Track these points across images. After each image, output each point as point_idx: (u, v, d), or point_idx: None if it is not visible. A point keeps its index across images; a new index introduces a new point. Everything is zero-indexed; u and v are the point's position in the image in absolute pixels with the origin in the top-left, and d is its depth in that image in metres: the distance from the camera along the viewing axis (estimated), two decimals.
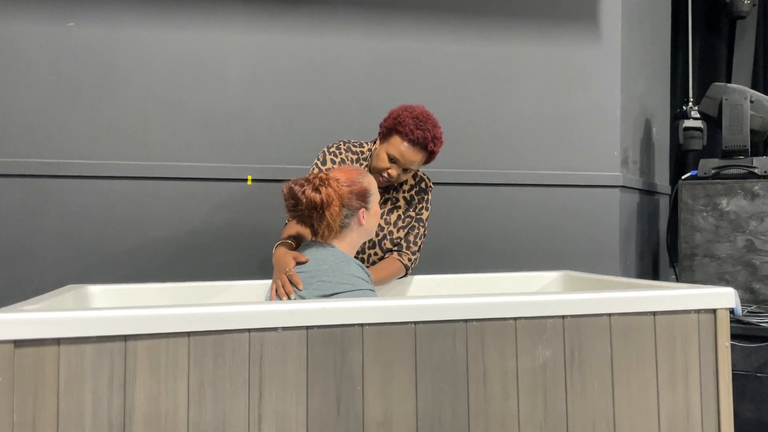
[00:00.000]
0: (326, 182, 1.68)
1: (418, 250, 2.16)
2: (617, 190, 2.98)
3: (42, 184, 2.55)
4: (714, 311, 1.56)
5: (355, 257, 2.01)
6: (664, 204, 3.70)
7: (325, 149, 2.14)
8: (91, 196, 2.59)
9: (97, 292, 1.87)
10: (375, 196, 1.80)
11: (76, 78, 2.60)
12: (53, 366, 1.20)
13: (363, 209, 1.75)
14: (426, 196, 2.20)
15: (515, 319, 1.44)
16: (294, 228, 1.93)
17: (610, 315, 1.50)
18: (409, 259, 2.12)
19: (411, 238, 2.14)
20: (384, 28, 2.85)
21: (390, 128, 2.01)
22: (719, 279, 2.82)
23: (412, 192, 2.18)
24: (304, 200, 1.66)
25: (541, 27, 2.98)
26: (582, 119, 3.00)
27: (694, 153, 3.53)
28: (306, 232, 1.90)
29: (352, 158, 2.12)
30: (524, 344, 1.44)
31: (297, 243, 1.89)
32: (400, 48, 2.86)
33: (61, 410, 1.20)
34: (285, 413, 1.31)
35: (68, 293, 1.67)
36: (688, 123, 3.24)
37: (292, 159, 2.73)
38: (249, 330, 1.30)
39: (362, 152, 2.15)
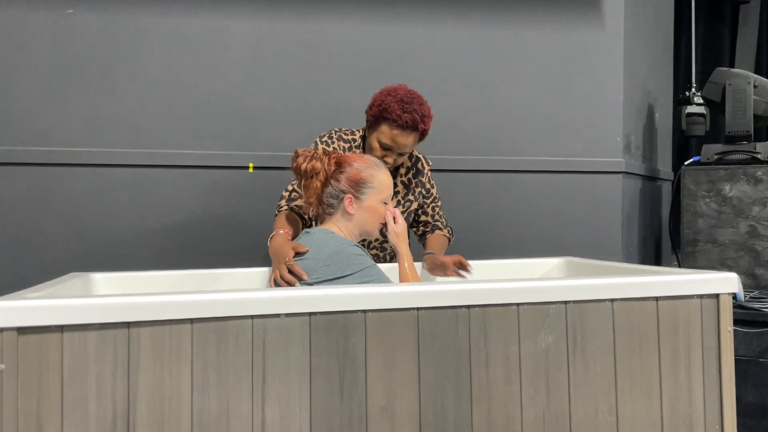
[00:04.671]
0: (318, 156, 1.77)
1: (448, 223, 2.30)
2: (620, 175, 2.97)
3: (43, 172, 2.55)
4: (717, 296, 1.56)
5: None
6: (666, 190, 3.69)
7: (317, 139, 2.13)
8: (93, 184, 2.59)
9: (100, 279, 1.87)
10: (376, 192, 1.79)
11: (76, 66, 2.59)
12: (57, 353, 1.21)
13: (351, 196, 1.74)
14: (425, 177, 2.22)
15: (518, 304, 1.44)
16: (286, 220, 1.95)
17: (612, 300, 1.50)
18: (449, 232, 2.28)
19: (437, 216, 2.26)
20: (385, 13, 2.83)
21: (377, 117, 2.00)
22: (722, 265, 2.81)
23: (409, 175, 2.17)
24: (294, 165, 1.78)
25: (544, 11, 2.95)
26: (584, 105, 2.99)
27: (696, 138, 3.52)
28: (297, 224, 1.93)
29: (344, 147, 2.11)
30: (527, 329, 1.44)
31: (292, 234, 1.89)
32: (402, 33, 2.85)
33: (65, 397, 1.21)
34: (288, 399, 1.31)
35: (71, 281, 1.68)
36: (690, 109, 3.22)
37: (293, 146, 2.67)
38: (252, 316, 1.30)
39: (354, 140, 2.14)
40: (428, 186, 2.22)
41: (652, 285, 1.52)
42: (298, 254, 1.70)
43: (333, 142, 2.11)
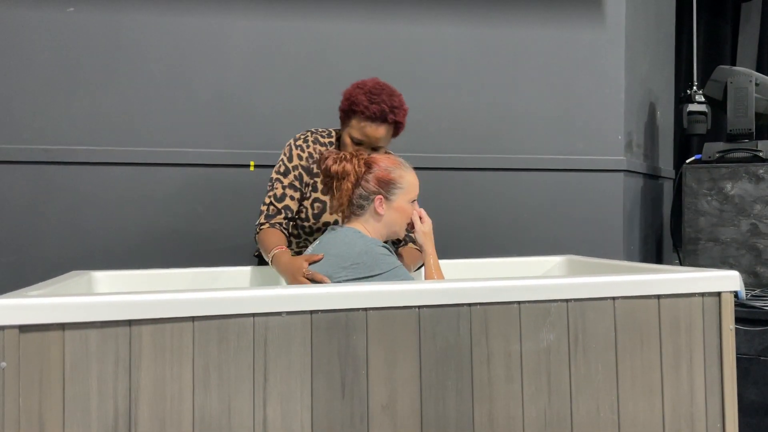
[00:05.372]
0: (347, 158, 1.75)
1: None
2: (621, 174, 2.97)
3: (44, 170, 2.55)
4: (718, 294, 1.56)
5: None
6: (668, 188, 3.69)
7: (291, 142, 2.06)
8: (94, 183, 2.59)
9: (101, 277, 1.87)
10: (405, 192, 1.77)
11: (77, 64, 2.59)
12: (58, 351, 1.21)
13: (381, 196, 1.74)
14: None
15: (519, 303, 1.44)
16: (273, 237, 1.89)
17: (614, 299, 1.49)
18: None
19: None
20: (386, 11, 2.83)
21: (346, 111, 1.95)
22: (723, 263, 2.81)
23: None
24: (323, 167, 1.76)
25: (545, 9, 2.95)
26: (585, 103, 2.98)
27: (698, 137, 3.51)
28: (284, 241, 1.88)
29: (320, 150, 2.04)
30: (528, 328, 1.44)
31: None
32: (403, 31, 2.84)
33: (66, 395, 1.21)
34: (289, 397, 1.31)
35: (72, 279, 1.68)
36: (692, 107, 3.22)
37: None
38: (253, 315, 1.30)
39: (332, 142, 2.09)
40: None
41: (654, 283, 1.52)
42: (313, 263, 1.68)
43: (308, 147, 2.04)
